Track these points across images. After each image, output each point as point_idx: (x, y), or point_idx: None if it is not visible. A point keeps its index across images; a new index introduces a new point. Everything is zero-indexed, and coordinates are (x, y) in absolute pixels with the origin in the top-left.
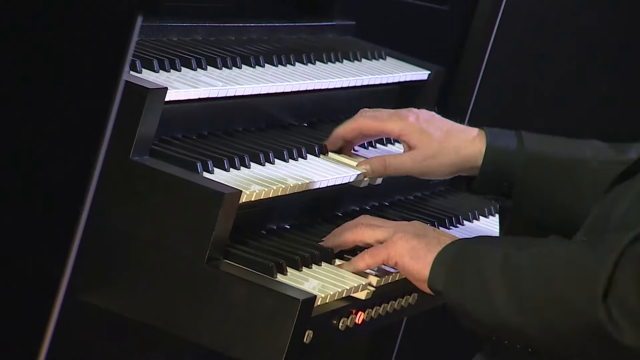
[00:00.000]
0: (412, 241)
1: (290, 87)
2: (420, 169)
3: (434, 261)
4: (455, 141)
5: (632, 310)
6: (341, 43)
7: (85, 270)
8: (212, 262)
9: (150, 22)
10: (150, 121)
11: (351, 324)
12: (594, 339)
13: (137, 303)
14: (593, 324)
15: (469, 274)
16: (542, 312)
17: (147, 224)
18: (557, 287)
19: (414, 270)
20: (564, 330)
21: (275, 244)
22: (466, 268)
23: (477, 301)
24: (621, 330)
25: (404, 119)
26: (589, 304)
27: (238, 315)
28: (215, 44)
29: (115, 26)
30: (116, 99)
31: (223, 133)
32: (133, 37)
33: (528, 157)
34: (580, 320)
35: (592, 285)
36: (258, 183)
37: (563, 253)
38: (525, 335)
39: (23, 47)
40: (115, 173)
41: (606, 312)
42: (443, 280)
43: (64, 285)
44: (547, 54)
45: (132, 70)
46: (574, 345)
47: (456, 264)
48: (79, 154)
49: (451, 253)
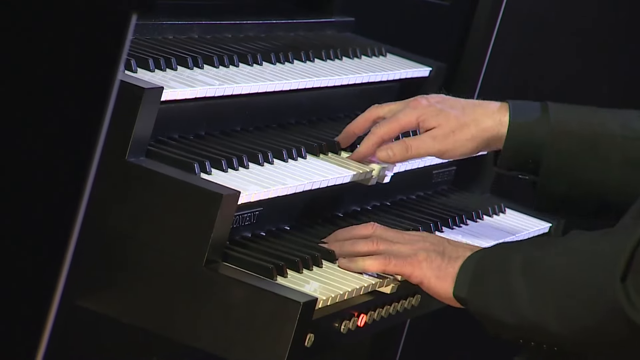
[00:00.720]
0: (437, 260)
1: (289, 86)
2: (441, 147)
3: (459, 272)
4: (473, 115)
5: None
6: (340, 40)
7: (82, 275)
8: (211, 265)
9: (145, 21)
10: (146, 121)
11: (353, 326)
12: (615, 326)
13: (134, 307)
14: (613, 307)
15: (491, 278)
16: (564, 306)
17: (144, 226)
18: (577, 279)
19: (441, 290)
20: (586, 322)
21: (275, 246)
22: (488, 273)
23: (500, 304)
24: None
25: (416, 106)
26: (608, 287)
27: (237, 318)
28: (211, 42)
29: (109, 25)
30: (111, 99)
31: (220, 133)
32: (128, 36)
33: (553, 131)
34: (600, 307)
35: (610, 270)
36: (256, 184)
37: (582, 246)
38: (550, 333)
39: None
40: (111, 175)
41: (624, 293)
42: (467, 288)
43: (60, 289)
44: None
45: (127, 70)
46: (596, 337)
47: (479, 271)
48: (74, 155)
49: (474, 261)
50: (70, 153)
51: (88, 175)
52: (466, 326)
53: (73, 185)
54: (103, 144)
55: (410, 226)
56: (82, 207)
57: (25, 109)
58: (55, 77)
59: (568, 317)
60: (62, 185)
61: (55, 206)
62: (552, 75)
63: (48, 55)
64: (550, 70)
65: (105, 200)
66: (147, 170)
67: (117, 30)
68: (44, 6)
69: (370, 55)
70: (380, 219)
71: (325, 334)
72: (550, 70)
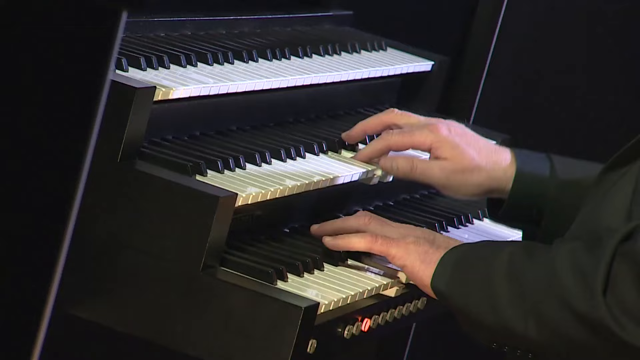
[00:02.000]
0: (424, 245)
1: (286, 83)
2: (446, 181)
3: (439, 262)
4: (487, 162)
5: (632, 307)
6: (339, 34)
7: (74, 283)
8: (208, 270)
9: (135, 18)
10: (139, 122)
11: (357, 331)
12: (598, 339)
13: (129, 316)
14: (595, 322)
15: (473, 275)
16: (544, 314)
17: (138, 231)
18: (557, 289)
19: (424, 275)
20: (570, 334)
21: (275, 249)
22: (470, 269)
23: (480, 302)
24: (623, 327)
25: (435, 131)
26: (590, 302)
27: (237, 325)
28: (205, 39)
29: (99, 23)
30: (102, 100)
31: (216, 133)
32: (118, 34)
33: (560, 184)
34: (582, 320)
35: (591, 284)
36: (254, 185)
37: (563, 255)
38: (527, 337)
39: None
40: (103, 178)
41: (607, 309)
42: (447, 280)
43: (52, 298)
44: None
45: (118, 69)
46: (579, 348)
47: (461, 265)
48: (64, 158)
49: (456, 255)
50: (60, 157)
51: (79, 179)
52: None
53: (64, 190)
54: (94, 146)
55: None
56: (74, 212)
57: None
58: (43, 78)
59: (550, 327)
60: (52, 190)
61: (45, 212)
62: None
63: (35, 56)
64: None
65: (97, 205)
66: (140, 173)
67: (107, 28)
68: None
69: (370, 49)
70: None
71: (328, 339)
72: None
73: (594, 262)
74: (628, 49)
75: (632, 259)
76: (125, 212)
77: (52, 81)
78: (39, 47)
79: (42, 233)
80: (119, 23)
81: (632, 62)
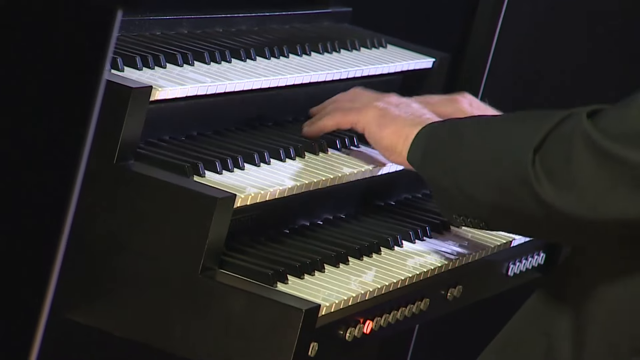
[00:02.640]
0: (382, 110)
1: (285, 81)
2: None
3: (414, 139)
4: None
5: (553, 166)
6: (338, 31)
7: (70, 286)
8: (207, 273)
9: (131, 17)
10: (135, 123)
11: (359, 333)
12: (521, 192)
13: (127, 319)
14: (521, 172)
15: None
16: (487, 174)
17: (135, 233)
18: (500, 148)
19: (377, 136)
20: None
21: (274, 251)
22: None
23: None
24: (541, 182)
25: (455, 103)
26: (521, 153)
27: (236, 328)
28: (202, 37)
29: (93, 22)
30: (97, 100)
31: (213, 133)
32: (113, 33)
33: None
34: (513, 178)
35: (528, 138)
36: (253, 185)
37: (515, 116)
38: (476, 202)
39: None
40: (99, 180)
41: (532, 161)
42: (421, 153)
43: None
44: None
45: (114, 69)
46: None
47: (434, 139)
48: (59, 160)
49: (429, 130)
50: (55, 158)
51: (75, 181)
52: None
53: (59, 192)
54: (90, 147)
55: (417, 226)
56: (70, 215)
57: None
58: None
59: (490, 186)
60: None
61: (41, 215)
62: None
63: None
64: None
65: (93, 207)
66: (137, 174)
67: (101, 27)
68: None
69: (370, 46)
70: (385, 220)
71: (329, 342)
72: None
73: (544, 121)
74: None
75: (571, 132)
76: (122, 214)
77: (46, 82)
78: (32, 47)
79: (37, 236)
80: (114, 22)
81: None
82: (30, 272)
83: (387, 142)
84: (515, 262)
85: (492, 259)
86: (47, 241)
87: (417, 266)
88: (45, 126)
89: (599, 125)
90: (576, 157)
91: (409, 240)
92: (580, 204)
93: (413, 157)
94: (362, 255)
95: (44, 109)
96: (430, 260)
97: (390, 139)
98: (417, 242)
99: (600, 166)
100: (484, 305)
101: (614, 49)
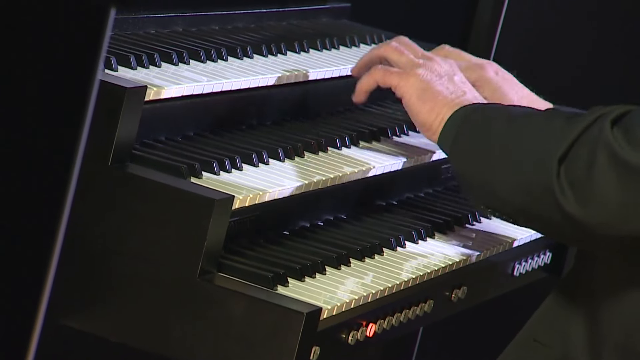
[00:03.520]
0: (426, 83)
1: (283, 79)
2: None
3: (447, 121)
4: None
5: (576, 178)
6: (336, 27)
7: (66, 292)
8: (205, 276)
9: (124, 15)
10: (130, 123)
11: (361, 337)
12: (546, 201)
13: (124, 325)
14: (546, 182)
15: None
16: (514, 168)
17: (131, 237)
18: (528, 146)
19: (417, 110)
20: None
21: (274, 253)
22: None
23: (473, 164)
24: (565, 194)
25: (482, 69)
26: (546, 162)
27: (236, 333)
28: (197, 35)
29: (86, 21)
30: (91, 101)
31: (210, 133)
32: (106, 32)
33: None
34: (539, 178)
35: (554, 147)
36: (252, 186)
37: (545, 116)
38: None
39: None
40: (94, 182)
41: (557, 172)
42: (451, 140)
43: (43, 309)
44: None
45: (107, 69)
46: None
47: (465, 128)
48: (53, 163)
49: (463, 114)
50: (49, 161)
51: (69, 184)
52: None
53: (53, 196)
54: (84, 150)
55: (420, 226)
56: (64, 218)
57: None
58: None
59: (516, 188)
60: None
61: (34, 219)
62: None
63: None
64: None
65: (88, 211)
66: (132, 176)
67: (94, 25)
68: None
69: (370, 43)
70: (387, 220)
71: (331, 346)
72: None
73: (568, 129)
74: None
75: (594, 142)
76: (118, 217)
77: (37, 82)
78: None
79: (31, 241)
80: (107, 20)
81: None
82: (24, 277)
83: (424, 118)
84: (521, 262)
85: (498, 258)
86: (42, 245)
87: (421, 267)
88: (37, 128)
89: (622, 133)
90: (598, 169)
91: (412, 241)
92: (602, 217)
93: (444, 141)
94: (364, 256)
95: (36, 111)
96: (434, 260)
97: (428, 115)
98: (420, 242)
99: (621, 179)
100: (489, 306)
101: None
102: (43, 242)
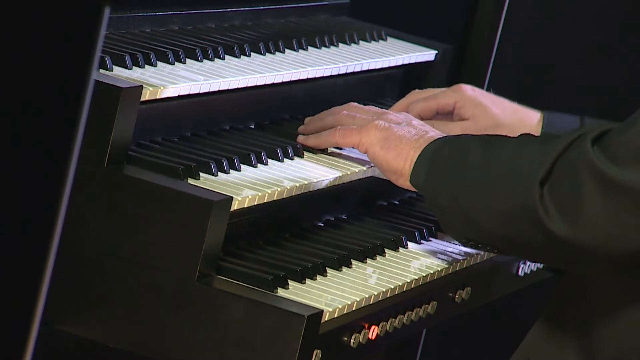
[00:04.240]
0: (387, 131)
1: (281, 78)
2: None
3: (416, 160)
4: (511, 120)
5: (562, 200)
6: (335, 24)
7: (61, 296)
8: (204, 279)
9: (119, 13)
10: (126, 124)
11: (364, 339)
12: (530, 229)
13: (121, 329)
14: (529, 206)
15: (444, 176)
16: (493, 196)
17: (128, 239)
18: (505, 179)
19: (382, 159)
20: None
21: (274, 255)
22: (443, 170)
23: (450, 197)
24: (551, 217)
25: (458, 90)
26: (527, 186)
27: (236, 337)
28: (193, 34)
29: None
30: (86, 102)
31: (208, 133)
32: (101, 31)
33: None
34: (521, 203)
35: (534, 170)
36: (251, 187)
37: (519, 142)
38: (484, 231)
39: None
40: (90, 184)
41: (540, 195)
42: (424, 177)
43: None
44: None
45: (102, 68)
46: (516, 240)
47: (437, 162)
48: (48, 165)
49: (431, 150)
50: (43, 163)
51: (64, 186)
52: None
53: (48, 199)
54: (79, 151)
55: (423, 226)
56: (59, 221)
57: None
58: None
59: (497, 215)
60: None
61: (29, 222)
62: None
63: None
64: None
65: (84, 213)
66: (129, 177)
67: (88, 25)
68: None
69: (370, 40)
70: (389, 220)
71: (333, 349)
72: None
73: (545, 152)
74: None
75: (576, 162)
76: (114, 219)
77: (31, 83)
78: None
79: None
80: (101, 19)
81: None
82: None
83: (392, 166)
84: (526, 262)
85: (502, 259)
86: (37, 249)
87: (424, 268)
88: (32, 130)
89: (604, 152)
90: (583, 189)
91: (414, 241)
92: (592, 236)
93: (416, 180)
94: (365, 257)
95: (30, 112)
96: (437, 261)
97: (396, 162)
98: (423, 242)
99: (606, 197)
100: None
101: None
102: (38, 245)
